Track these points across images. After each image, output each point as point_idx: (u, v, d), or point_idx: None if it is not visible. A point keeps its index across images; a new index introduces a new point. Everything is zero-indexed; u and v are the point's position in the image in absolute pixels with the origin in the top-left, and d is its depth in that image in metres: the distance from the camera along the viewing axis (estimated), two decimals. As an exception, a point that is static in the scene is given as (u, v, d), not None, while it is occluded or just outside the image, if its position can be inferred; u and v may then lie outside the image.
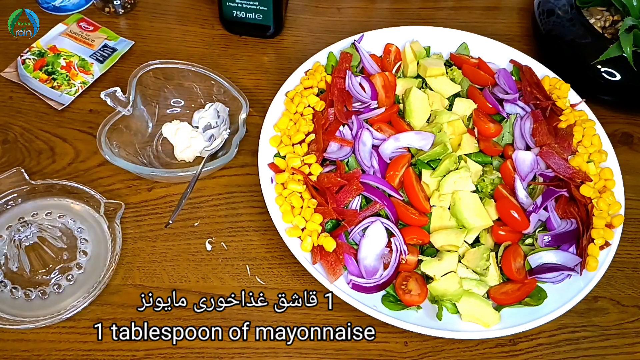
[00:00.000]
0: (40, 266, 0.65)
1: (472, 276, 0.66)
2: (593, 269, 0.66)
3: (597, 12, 0.84)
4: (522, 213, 0.68)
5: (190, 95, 0.79)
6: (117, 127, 0.72)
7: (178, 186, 0.74)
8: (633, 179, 0.78)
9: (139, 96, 0.75)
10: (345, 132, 0.75)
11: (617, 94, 0.82)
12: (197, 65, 0.76)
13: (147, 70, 0.75)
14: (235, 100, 0.75)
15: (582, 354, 0.66)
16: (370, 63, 0.81)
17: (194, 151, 0.75)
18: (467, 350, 0.65)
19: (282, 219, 0.68)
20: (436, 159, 0.71)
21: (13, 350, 0.62)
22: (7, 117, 0.79)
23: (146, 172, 0.70)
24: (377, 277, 0.65)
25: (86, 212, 0.71)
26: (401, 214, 0.68)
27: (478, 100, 0.78)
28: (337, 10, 0.95)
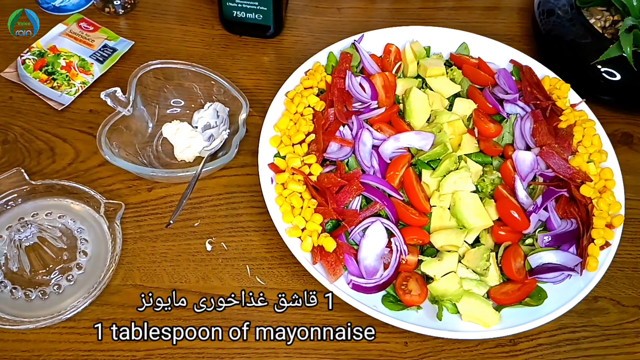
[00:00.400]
0: (40, 266, 0.65)
1: (472, 276, 0.66)
2: (593, 269, 0.66)
3: (597, 12, 0.84)
4: (522, 213, 0.68)
5: (190, 95, 0.79)
6: (117, 127, 0.72)
7: (178, 186, 0.74)
8: (633, 179, 0.78)
9: (139, 96, 0.75)
10: (345, 132, 0.75)
11: (617, 94, 0.82)
12: (197, 65, 0.76)
13: (147, 70, 0.75)
14: (235, 100, 0.75)
15: (582, 354, 0.66)
16: (370, 63, 0.81)
17: (193, 151, 0.75)
18: (467, 350, 0.65)
19: (282, 219, 0.67)
20: (436, 159, 0.71)
21: (13, 350, 0.62)
22: (7, 117, 0.79)
23: (146, 172, 0.69)
24: (377, 277, 0.65)
25: (86, 212, 0.71)
26: (401, 214, 0.68)
27: (478, 100, 0.78)
28: (337, 10, 0.95)
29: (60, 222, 0.69)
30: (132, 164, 0.69)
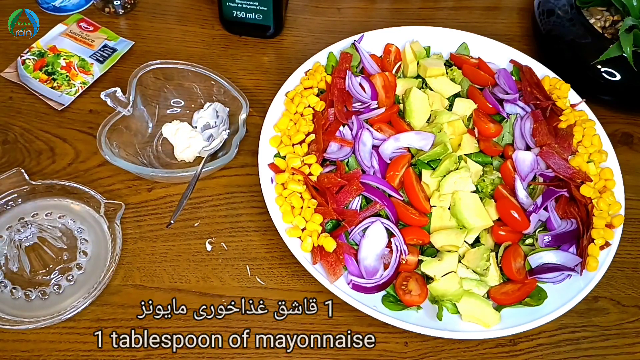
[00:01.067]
0: (40, 266, 0.65)
1: (472, 276, 0.66)
2: (593, 269, 0.66)
3: (597, 12, 0.84)
4: (522, 213, 0.68)
5: (190, 95, 0.79)
6: (117, 127, 0.72)
7: (178, 186, 0.74)
8: (633, 179, 0.78)
9: (139, 96, 0.75)
10: (345, 132, 0.75)
11: (617, 94, 0.82)
12: (197, 65, 0.76)
13: (147, 70, 0.75)
14: (235, 100, 0.75)
15: (582, 354, 0.66)
16: (370, 63, 0.81)
17: (193, 151, 0.75)
18: (467, 350, 0.65)
19: (282, 219, 0.67)
20: (436, 159, 0.71)
21: (13, 350, 0.62)
22: (7, 117, 0.79)
23: (146, 172, 0.69)
24: (377, 278, 0.64)
25: (86, 212, 0.71)
26: (401, 214, 0.68)
27: (478, 100, 0.78)
28: (337, 10, 0.95)
29: (60, 222, 0.69)
30: (132, 164, 0.69)
